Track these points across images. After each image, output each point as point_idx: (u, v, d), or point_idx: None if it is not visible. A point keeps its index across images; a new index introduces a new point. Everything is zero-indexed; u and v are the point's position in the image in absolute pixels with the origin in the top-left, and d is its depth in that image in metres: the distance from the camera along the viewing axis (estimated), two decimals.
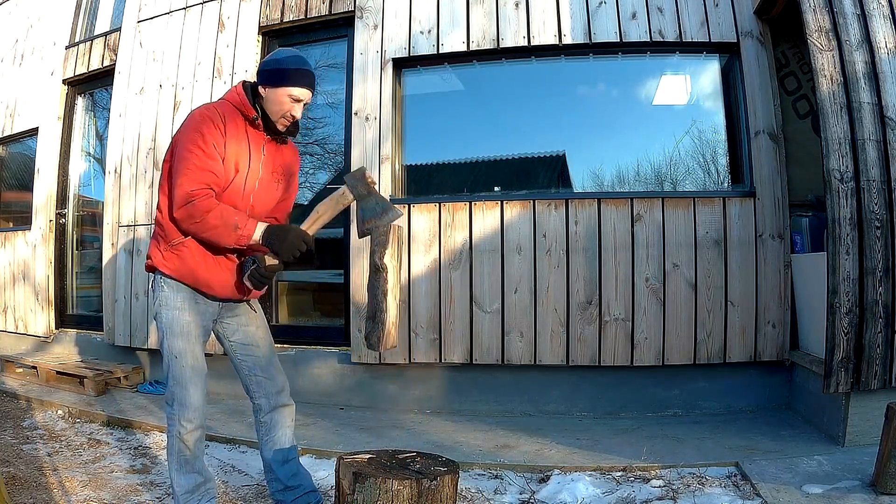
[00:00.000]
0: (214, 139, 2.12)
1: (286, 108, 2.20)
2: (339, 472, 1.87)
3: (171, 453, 2.24)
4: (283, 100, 2.19)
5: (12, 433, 3.63)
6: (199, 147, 2.09)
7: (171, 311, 2.22)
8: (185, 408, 2.19)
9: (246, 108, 2.21)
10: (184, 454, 2.21)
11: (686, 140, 4.16)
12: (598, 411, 3.92)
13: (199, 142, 2.10)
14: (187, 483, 2.23)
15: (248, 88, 2.25)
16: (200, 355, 2.25)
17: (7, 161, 6.43)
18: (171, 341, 2.20)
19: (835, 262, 2.99)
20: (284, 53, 2.24)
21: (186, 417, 2.19)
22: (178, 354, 2.19)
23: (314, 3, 4.57)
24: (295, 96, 2.19)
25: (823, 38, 3.13)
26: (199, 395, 2.21)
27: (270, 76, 2.19)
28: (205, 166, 2.09)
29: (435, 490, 1.79)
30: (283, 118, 2.23)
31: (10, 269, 5.85)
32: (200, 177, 2.09)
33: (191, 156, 2.09)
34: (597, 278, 3.90)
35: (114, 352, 5.07)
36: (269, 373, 2.38)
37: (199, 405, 2.22)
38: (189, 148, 2.10)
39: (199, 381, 2.22)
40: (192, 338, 2.22)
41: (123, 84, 5.15)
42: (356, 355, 4.19)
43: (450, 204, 4.11)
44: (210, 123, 2.12)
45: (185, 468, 2.22)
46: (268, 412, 2.38)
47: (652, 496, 2.66)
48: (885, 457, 2.44)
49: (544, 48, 4.15)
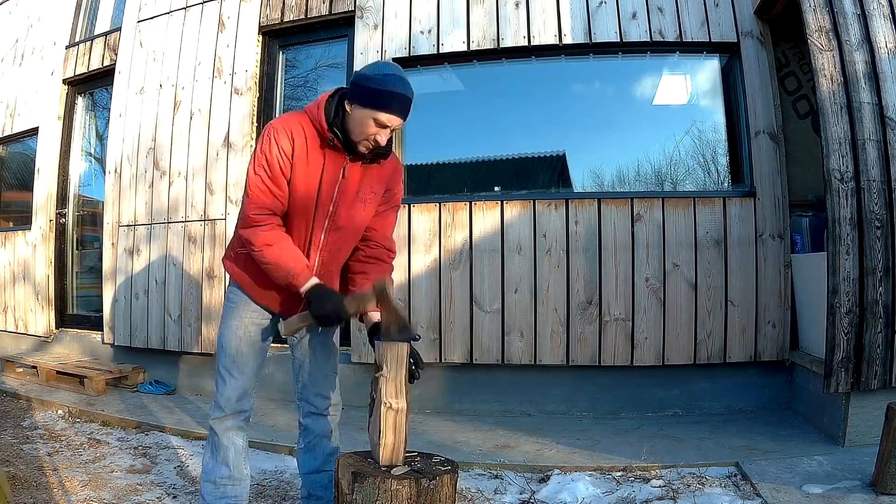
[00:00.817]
0: (280, 162, 1.99)
1: (370, 132, 1.96)
2: (337, 472, 1.87)
3: (208, 437, 2.28)
4: (369, 123, 1.94)
5: (12, 433, 3.63)
6: (264, 169, 2.00)
7: (230, 303, 2.24)
8: (220, 396, 2.21)
9: (321, 127, 2.00)
10: (214, 440, 2.24)
11: (686, 140, 4.16)
12: (598, 411, 3.92)
13: (263, 164, 2.00)
14: (212, 470, 2.24)
15: (335, 100, 2.03)
16: (246, 351, 2.23)
17: (7, 161, 6.43)
18: (222, 332, 2.24)
19: (835, 262, 2.99)
20: (380, 70, 1.96)
21: (219, 405, 2.21)
22: (223, 345, 2.22)
23: (314, 3, 4.57)
24: (382, 122, 1.94)
25: (823, 38, 3.13)
26: (233, 387, 2.21)
27: (361, 94, 1.94)
28: (266, 190, 2.00)
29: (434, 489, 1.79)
30: (366, 141, 1.99)
31: (11, 269, 5.85)
32: (262, 201, 2.01)
33: (256, 178, 2.01)
34: (597, 278, 3.90)
35: (114, 352, 5.07)
36: (315, 379, 2.33)
37: (233, 396, 2.20)
38: (255, 169, 2.01)
39: (238, 375, 2.22)
40: (241, 333, 2.22)
41: (123, 84, 5.15)
42: (356, 355, 4.19)
43: (450, 204, 4.11)
44: (276, 146, 1.99)
45: (213, 454, 2.24)
46: (305, 416, 2.35)
47: (652, 496, 2.66)
48: (885, 457, 2.44)
49: (544, 48, 4.15)
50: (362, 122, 1.95)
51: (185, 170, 4.75)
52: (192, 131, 4.77)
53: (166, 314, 4.72)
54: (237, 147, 4.58)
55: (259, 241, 2.02)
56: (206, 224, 4.63)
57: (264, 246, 2.02)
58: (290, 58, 4.86)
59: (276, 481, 2.98)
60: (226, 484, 2.24)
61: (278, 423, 3.76)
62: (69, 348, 5.42)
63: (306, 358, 2.34)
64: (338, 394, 2.40)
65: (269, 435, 3.53)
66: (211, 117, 4.71)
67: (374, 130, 1.96)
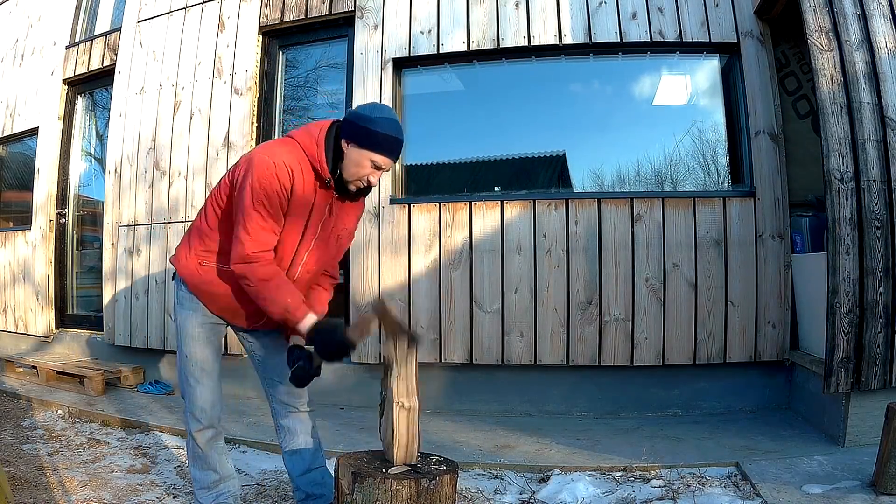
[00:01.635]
0: (281, 199, 2.01)
1: (364, 173, 2.05)
2: (338, 472, 1.87)
3: (187, 448, 2.32)
4: (365, 164, 2.03)
5: (12, 433, 3.63)
6: (265, 206, 2.00)
7: (185, 311, 2.23)
8: (194, 406, 2.23)
9: (322, 169, 2.05)
10: (196, 451, 2.27)
11: (686, 140, 4.16)
12: (598, 411, 3.92)
13: (264, 201, 2.00)
14: (202, 478, 2.29)
15: (331, 139, 2.07)
16: (211, 357, 2.25)
17: (7, 161, 6.43)
18: (184, 341, 2.23)
19: (835, 262, 2.99)
20: (379, 113, 2.06)
21: (195, 416, 2.23)
22: (188, 354, 2.22)
23: (314, 3, 4.57)
24: (378, 164, 2.04)
25: (824, 38, 3.13)
26: (207, 396, 2.23)
27: (357, 134, 2.02)
28: (266, 226, 2.02)
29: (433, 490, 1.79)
30: (359, 181, 2.08)
31: (11, 269, 5.85)
32: (261, 237, 2.02)
33: (256, 215, 2.00)
34: (597, 278, 3.90)
35: (114, 352, 5.07)
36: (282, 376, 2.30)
37: (208, 405, 2.24)
38: (254, 206, 2.00)
39: (208, 382, 2.24)
40: (204, 340, 2.23)
41: (123, 84, 5.15)
42: (356, 355, 4.18)
43: (450, 204, 4.11)
44: (277, 184, 1.99)
45: (198, 464, 2.28)
46: (284, 417, 2.35)
47: (652, 496, 2.66)
48: (885, 457, 2.44)
49: (544, 48, 4.15)
50: (360, 162, 2.03)
51: (185, 170, 4.75)
52: (192, 131, 4.77)
53: (166, 314, 4.72)
54: (237, 147, 4.58)
55: (257, 277, 2.02)
56: None
57: (261, 282, 2.03)
58: (290, 58, 4.86)
59: (276, 481, 2.98)
60: (218, 485, 2.31)
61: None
62: (69, 348, 5.42)
63: (270, 358, 2.33)
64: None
65: (269, 435, 3.52)
66: (211, 117, 4.71)
67: (369, 171, 2.05)
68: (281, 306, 2.02)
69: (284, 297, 2.03)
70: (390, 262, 4.15)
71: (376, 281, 4.16)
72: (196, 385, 2.22)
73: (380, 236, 4.18)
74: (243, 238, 2.02)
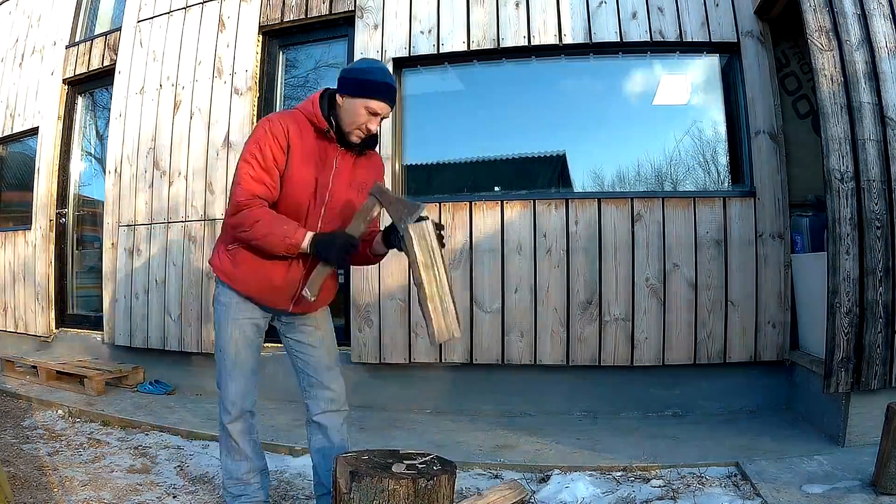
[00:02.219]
0: (273, 151, 2.10)
1: (362, 121, 2.13)
2: (336, 472, 1.87)
3: (220, 441, 2.38)
4: (361, 111, 2.12)
5: (12, 433, 3.63)
6: (256, 159, 2.09)
7: (222, 305, 2.29)
8: (226, 399, 2.29)
9: (318, 120, 2.14)
10: (229, 442, 2.33)
11: (686, 140, 4.16)
12: (599, 411, 3.92)
13: (256, 153, 2.09)
14: (233, 469, 2.34)
15: (326, 98, 2.18)
16: (245, 352, 2.29)
17: (7, 161, 6.43)
18: (219, 335, 2.30)
19: (835, 262, 2.99)
20: (367, 63, 2.18)
21: (226, 409, 2.29)
22: (222, 348, 2.29)
23: (314, 2, 4.57)
24: (373, 109, 2.12)
25: (824, 37, 3.13)
26: (238, 389, 2.28)
27: (349, 85, 2.12)
28: (258, 177, 2.09)
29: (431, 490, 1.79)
30: (358, 130, 2.15)
31: (11, 269, 5.85)
32: (252, 187, 2.09)
33: (246, 166, 2.10)
34: (597, 278, 3.90)
35: (114, 352, 5.07)
36: (321, 376, 2.35)
37: (238, 398, 2.28)
38: (246, 158, 2.11)
39: (240, 376, 2.28)
40: (238, 335, 2.28)
41: (123, 84, 5.15)
42: (356, 355, 4.19)
43: (450, 204, 4.11)
44: (270, 136, 2.10)
45: (232, 455, 2.34)
46: (315, 414, 2.37)
47: (652, 496, 2.66)
48: (885, 457, 2.44)
49: (544, 48, 4.15)
50: (355, 111, 2.12)
51: (185, 170, 4.75)
52: (192, 131, 4.77)
53: (166, 314, 4.72)
54: (237, 147, 4.58)
55: (249, 219, 2.08)
56: (207, 224, 4.63)
57: (254, 223, 2.08)
58: (291, 58, 4.86)
59: (276, 481, 2.98)
60: (249, 477, 2.35)
61: (278, 423, 3.75)
62: (69, 348, 5.42)
63: (310, 353, 2.36)
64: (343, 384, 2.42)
65: (269, 435, 3.53)
66: (211, 117, 4.71)
67: (366, 118, 2.13)
68: (279, 235, 2.06)
69: (280, 226, 2.07)
70: (391, 262, 4.14)
71: (377, 281, 4.16)
72: (229, 379, 2.28)
73: None
74: (235, 190, 2.11)
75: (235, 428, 2.30)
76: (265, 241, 2.09)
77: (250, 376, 2.30)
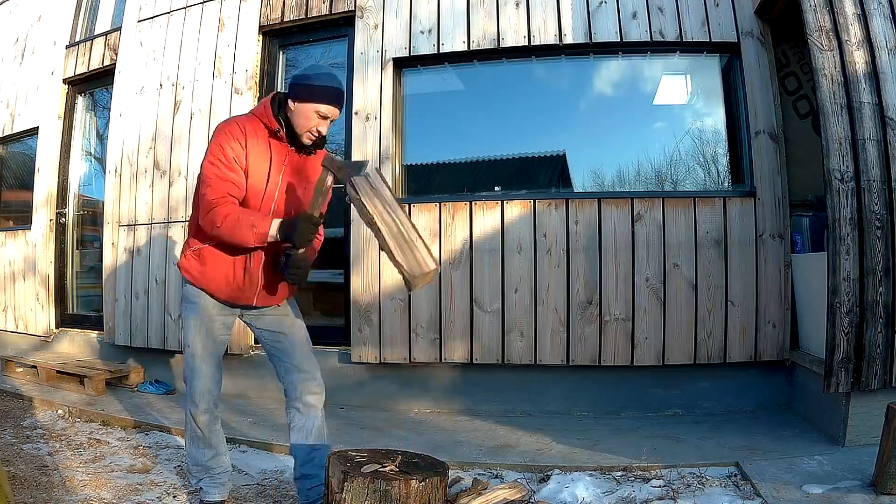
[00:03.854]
0: (235, 152, 2.24)
1: (312, 124, 2.27)
2: (328, 471, 1.88)
3: (186, 430, 2.55)
4: (310, 115, 2.25)
5: (13, 432, 3.63)
6: (219, 160, 2.24)
7: (188, 304, 2.43)
8: (193, 392, 2.43)
9: (269, 121, 2.29)
10: (195, 432, 2.48)
11: (686, 140, 4.16)
12: (599, 411, 3.92)
13: (219, 155, 2.24)
14: (198, 456, 2.50)
15: (277, 102, 2.31)
16: (211, 347, 2.43)
17: (7, 160, 6.43)
18: (186, 332, 2.44)
19: (835, 262, 2.99)
20: (316, 70, 2.32)
21: (194, 401, 2.43)
22: (189, 344, 2.43)
23: (314, 2, 4.56)
24: (322, 113, 2.25)
25: (824, 37, 3.13)
26: (204, 383, 2.42)
27: (300, 91, 2.25)
28: (225, 177, 2.24)
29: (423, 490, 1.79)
30: (309, 132, 2.29)
31: (11, 269, 5.85)
32: (221, 187, 2.23)
33: (212, 167, 2.24)
34: (597, 278, 3.90)
35: (114, 351, 5.07)
36: (295, 360, 2.46)
37: (205, 392, 2.43)
38: (211, 161, 2.25)
39: (207, 370, 2.42)
40: (204, 331, 2.42)
41: (124, 83, 5.15)
42: (356, 354, 4.19)
43: (450, 203, 4.11)
44: (230, 137, 2.25)
45: (196, 443, 2.50)
46: (294, 399, 2.46)
47: (652, 496, 2.66)
48: (885, 457, 2.44)
49: (545, 48, 4.15)
50: (306, 115, 2.25)
51: (185, 170, 4.75)
52: (192, 131, 4.77)
53: (166, 314, 4.72)
54: None
55: (220, 215, 2.20)
56: None
57: (224, 217, 2.20)
58: (291, 57, 4.86)
59: (276, 481, 2.98)
60: (212, 462, 2.51)
61: (278, 423, 3.75)
62: (69, 348, 5.42)
63: (282, 342, 2.48)
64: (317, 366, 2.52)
65: (270, 435, 3.53)
66: (211, 117, 4.70)
67: (317, 122, 2.27)
68: (247, 226, 2.19)
69: (248, 218, 2.20)
70: (391, 262, 4.15)
71: (377, 281, 4.16)
72: (196, 373, 2.42)
73: None
74: (205, 191, 2.25)
75: (202, 419, 2.44)
76: (235, 233, 2.21)
77: (216, 371, 2.44)
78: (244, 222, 2.19)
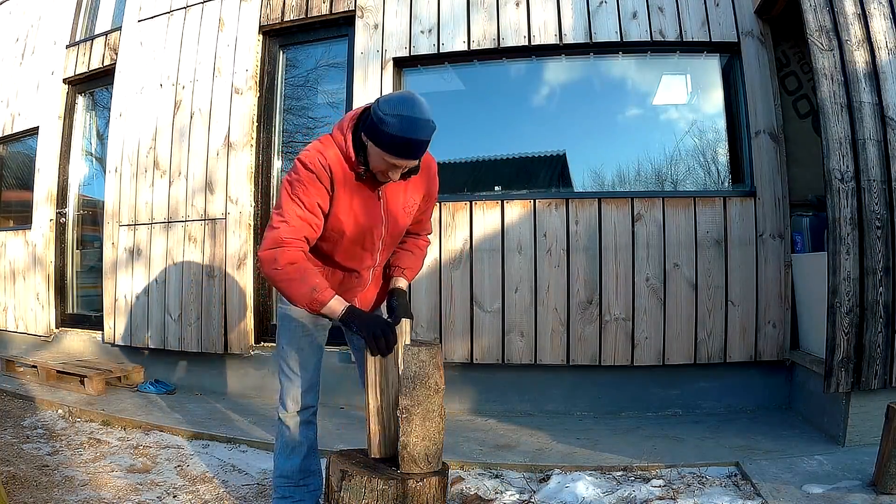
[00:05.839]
0: (319, 197, 2.05)
1: (383, 168, 2.02)
2: (328, 469, 1.88)
3: (276, 436, 2.41)
4: (380, 161, 2.00)
5: (13, 432, 3.63)
6: (301, 200, 2.04)
7: (285, 305, 2.32)
8: (286, 395, 2.34)
9: (352, 165, 2.06)
10: (284, 436, 2.36)
11: (686, 140, 4.16)
12: (599, 411, 3.92)
13: (300, 195, 2.04)
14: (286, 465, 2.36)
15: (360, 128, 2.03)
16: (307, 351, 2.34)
17: (7, 160, 6.43)
18: (279, 336, 2.37)
19: (835, 261, 2.99)
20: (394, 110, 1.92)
21: (285, 404, 2.35)
22: (283, 346, 2.35)
23: (315, 2, 4.56)
24: (391, 162, 1.99)
25: (824, 37, 3.13)
26: (299, 386, 2.33)
27: (373, 132, 1.96)
28: (305, 218, 2.05)
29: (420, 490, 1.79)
30: (381, 174, 2.06)
31: (11, 268, 5.85)
32: (298, 226, 2.04)
33: (293, 205, 2.04)
34: (597, 278, 3.90)
35: (114, 351, 5.07)
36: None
37: (299, 395, 2.33)
38: (292, 198, 2.04)
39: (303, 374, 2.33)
40: (298, 336, 2.32)
41: (124, 83, 5.15)
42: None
43: (450, 203, 4.11)
44: (316, 182, 2.04)
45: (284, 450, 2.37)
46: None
47: (652, 496, 2.66)
48: (886, 457, 2.44)
49: (545, 48, 4.15)
50: (377, 158, 2.00)
51: (185, 169, 4.75)
52: (192, 131, 4.77)
53: (166, 314, 4.72)
54: (237, 146, 4.58)
55: (285, 259, 2.01)
56: (207, 224, 4.63)
57: (289, 265, 2.02)
58: (291, 57, 4.86)
59: None
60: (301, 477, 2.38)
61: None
62: (69, 348, 5.42)
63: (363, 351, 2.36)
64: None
65: (270, 434, 3.53)
66: (211, 117, 4.71)
67: (386, 167, 2.01)
68: (308, 286, 2.01)
69: (311, 279, 2.02)
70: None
71: None
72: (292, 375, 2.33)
73: None
74: (279, 224, 2.04)
75: (294, 420, 2.34)
76: (292, 286, 2.03)
77: (314, 374, 2.37)
78: (306, 280, 2.01)
